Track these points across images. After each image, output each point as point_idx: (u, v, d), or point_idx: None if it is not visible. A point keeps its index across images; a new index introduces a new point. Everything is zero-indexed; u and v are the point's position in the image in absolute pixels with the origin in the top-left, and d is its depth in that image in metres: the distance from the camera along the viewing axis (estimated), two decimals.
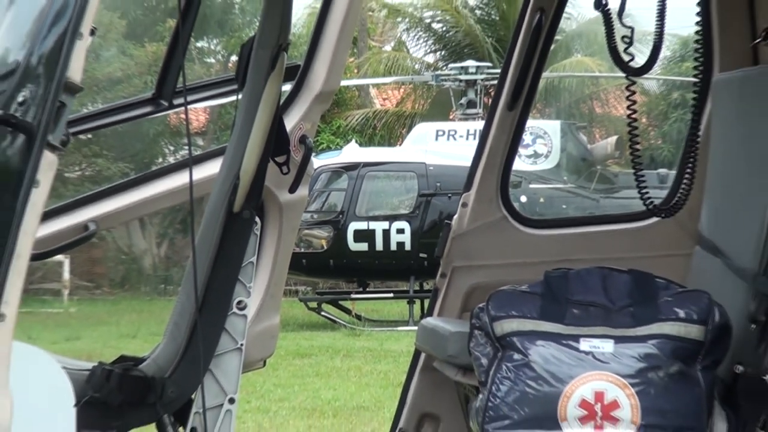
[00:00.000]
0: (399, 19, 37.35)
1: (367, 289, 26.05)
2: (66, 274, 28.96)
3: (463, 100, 27.74)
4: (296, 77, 5.80)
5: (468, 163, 6.41)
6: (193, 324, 5.25)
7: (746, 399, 4.61)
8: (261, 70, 5.26)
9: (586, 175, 27.00)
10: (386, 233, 24.65)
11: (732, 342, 4.80)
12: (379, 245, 24.63)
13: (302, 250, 23.80)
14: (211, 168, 5.72)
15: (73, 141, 4.21)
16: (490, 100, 7.22)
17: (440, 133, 25.94)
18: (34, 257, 3.66)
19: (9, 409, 3.29)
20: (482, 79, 27.19)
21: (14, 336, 3.31)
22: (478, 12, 36.45)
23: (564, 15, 6.36)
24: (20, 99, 3.36)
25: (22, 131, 3.31)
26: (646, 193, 5.79)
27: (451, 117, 29.85)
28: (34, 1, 3.61)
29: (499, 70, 6.59)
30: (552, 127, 26.90)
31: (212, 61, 34.86)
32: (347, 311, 25.32)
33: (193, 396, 5.27)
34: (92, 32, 3.52)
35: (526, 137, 24.92)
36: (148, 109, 6.06)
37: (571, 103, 35.82)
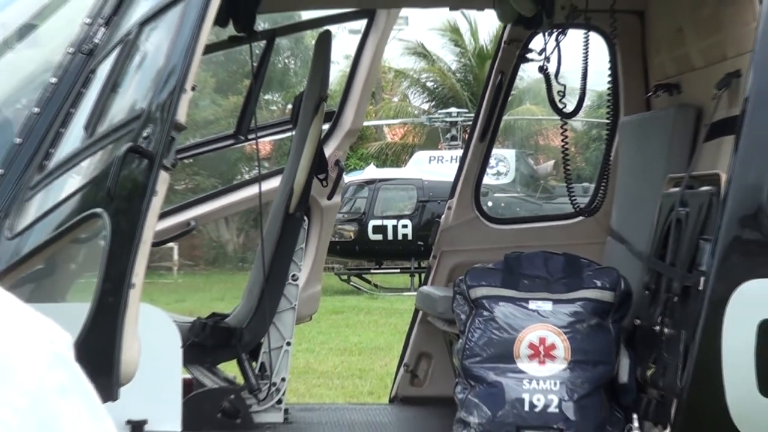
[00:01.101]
0: (403, 79, 37.23)
1: (382, 266, 25.95)
2: (175, 256, 28.91)
3: (448, 135, 27.67)
4: (332, 119, 5.81)
5: (452, 179, 6.42)
6: (261, 291, 5.26)
7: (642, 343, 4.61)
8: (308, 114, 5.27)
9: (533, 187, 26.99)
10: (395, 228, 24.53)
11: (632, 303, 4.80)
12: (390, 236, 24.51)
13: (336, 239, 23.68)
14: (274, 182, 5.73)
15: (180, 164, 4.23)
16: (467, 135, 7.20)
17: (432, 158, 25.88)
18: (154, 244, 3.68)
19: (138, 349, 3.31)
20: (461, 121, 27.07)
21: (141, 298, 3.34)
22: (458, 75, 36.27)
23: (517, 76, 6.35)
24: (144, 134, 3.38)
25: (146, 157, 3.33)
26: (575, 200, 5.81)
27: (439, 147, 29.73)
28: (153, 67, 3.64)
29: (473, 115, 6.59)
30: (510, 153, 26.87)
31: (275, 108, 34.80)
32: (368, 282, 25.21)
33: (262, 340, 5.29)
34: (193, 88, 3.54)
35: (492, 161, 24.83)
36: (230, 141, 6.07)
37: (523, 138, 35.65)
